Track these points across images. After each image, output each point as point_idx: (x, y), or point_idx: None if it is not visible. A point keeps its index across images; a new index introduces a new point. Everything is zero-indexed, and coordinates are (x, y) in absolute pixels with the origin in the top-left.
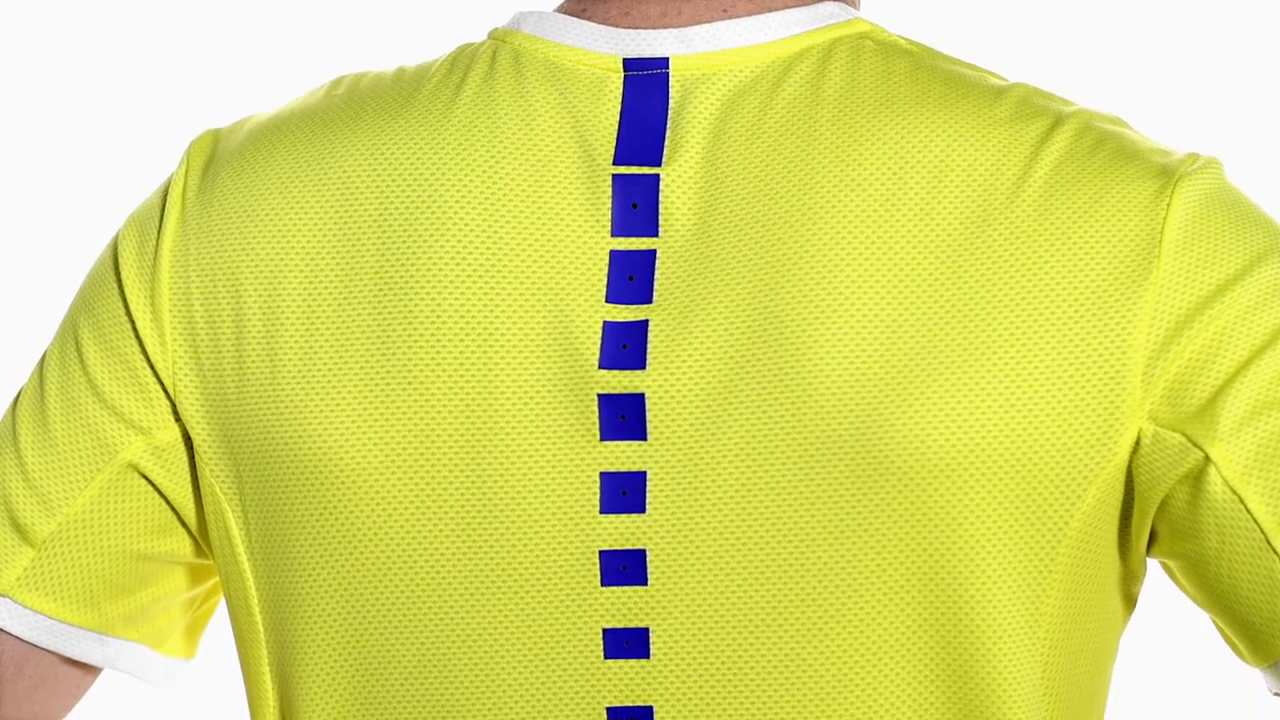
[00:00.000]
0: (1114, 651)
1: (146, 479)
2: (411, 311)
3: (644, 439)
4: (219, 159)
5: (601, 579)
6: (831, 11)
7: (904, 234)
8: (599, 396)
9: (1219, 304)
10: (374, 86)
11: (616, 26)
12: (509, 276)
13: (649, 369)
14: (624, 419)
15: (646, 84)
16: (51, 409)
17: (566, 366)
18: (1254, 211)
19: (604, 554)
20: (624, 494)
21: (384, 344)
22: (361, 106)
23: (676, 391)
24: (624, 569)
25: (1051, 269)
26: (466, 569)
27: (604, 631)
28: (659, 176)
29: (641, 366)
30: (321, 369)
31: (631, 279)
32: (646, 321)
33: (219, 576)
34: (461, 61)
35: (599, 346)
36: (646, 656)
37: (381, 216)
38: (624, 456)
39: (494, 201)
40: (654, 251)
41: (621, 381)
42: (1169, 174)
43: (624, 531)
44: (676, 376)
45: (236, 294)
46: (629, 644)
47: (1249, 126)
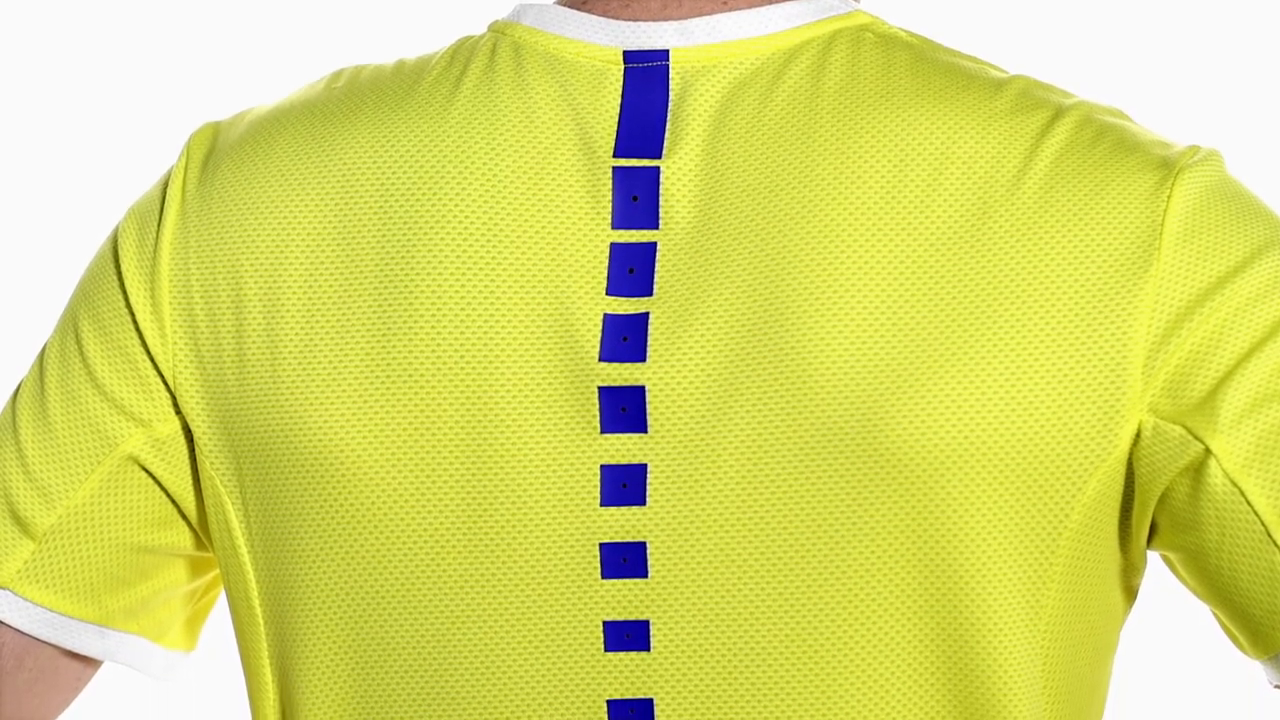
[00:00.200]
0: (1114, 644)
1: (147, 471)
2: (412, 305)
3: (644, 431)
4: (219, 151)
5: (602, 571)
6: (831, 4)
7: (904, 226)
8: (599, 389)
9: (1219, 296)
10: (374, 79)
11: (617, 19)
12: (509, 269)
13: (649, 361)
14: (624, 411)
15: (647, 76)
16: (51, 402)
17: (567, 359)
18: (1255, 204)
19: (604, 546)
20: (624, 486)
21: (384, 337)
22: (361, 99)
23: (677, 384)
24: (624, 561)
25: (1052, 261)
26: (466, 562)
27: (604, 624)
28: (659, 169)
29: (642, 359)
30: (322, 362)
31: (632, 271)
32: (647, 314)
33: (219, 569)
34: (461, 54)
35: (599, 339)
36: (647, 649)
37: (382, 209)
38: (624, 449)
39: (494, 194)
40: (654, 244)
41: (622, 374)
42: (1169, 166)
43: (624, 524)
44: (677, 369)
45: (237, 286)
46: (629, 636)
47: (1250, 119)
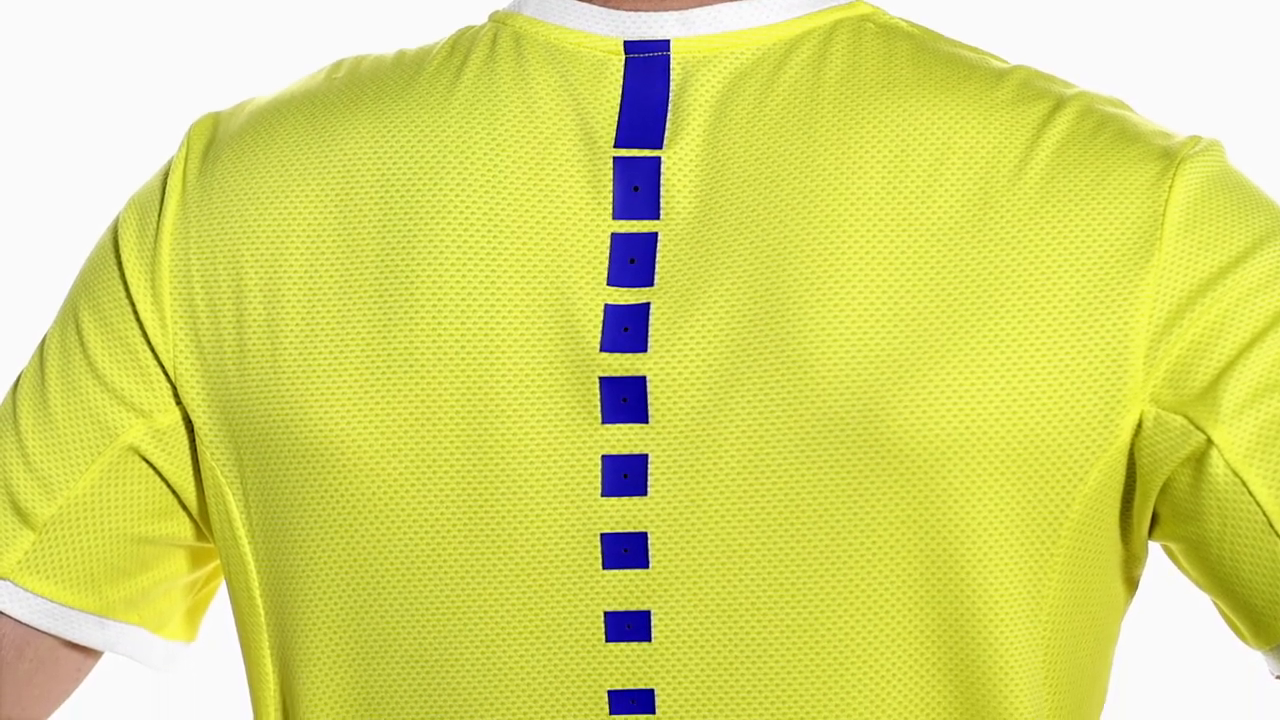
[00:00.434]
0: (1115, 634)
1: (147, 462)
2: (412, 295)
3: (645, 422)
4: (219, 142)
5: (603, 562)
6: None
7: (905, 217)
8: (600, 379)
9: (1221, 287)
10: (374, 69)
11: (618, 9)
12: (510, 260)
13: (650, 352)
14: (625, 402)
15: (647, 66)
16: (52, 392)
17: (568, 349)
18: (1256, 194)
19: (605, 537)
20: (625, 477)
21: (385, 327)
22: (362, 89)
23: (678, 374)
24: (625, 552)
25: (1053, 252)
26: (467, 552)
27: (605, 615)
28: (660, 159)
29: (643, 349)
30: (322, 351)
31: (633, 261)
32: (648, 304)
33: (219, 560)
34: (462, 44)
35: (600, 329)
36: (648, 639)
37: (382, 199)
38: (625, 439)
39: (495, 185)
40: (655, 234)
41: (623, 364)
42: (1171, 157)
43: (625, 514)
44: (678, 359)
45: (237, 277)
46: (630, 627)
47: (1251, 109)
